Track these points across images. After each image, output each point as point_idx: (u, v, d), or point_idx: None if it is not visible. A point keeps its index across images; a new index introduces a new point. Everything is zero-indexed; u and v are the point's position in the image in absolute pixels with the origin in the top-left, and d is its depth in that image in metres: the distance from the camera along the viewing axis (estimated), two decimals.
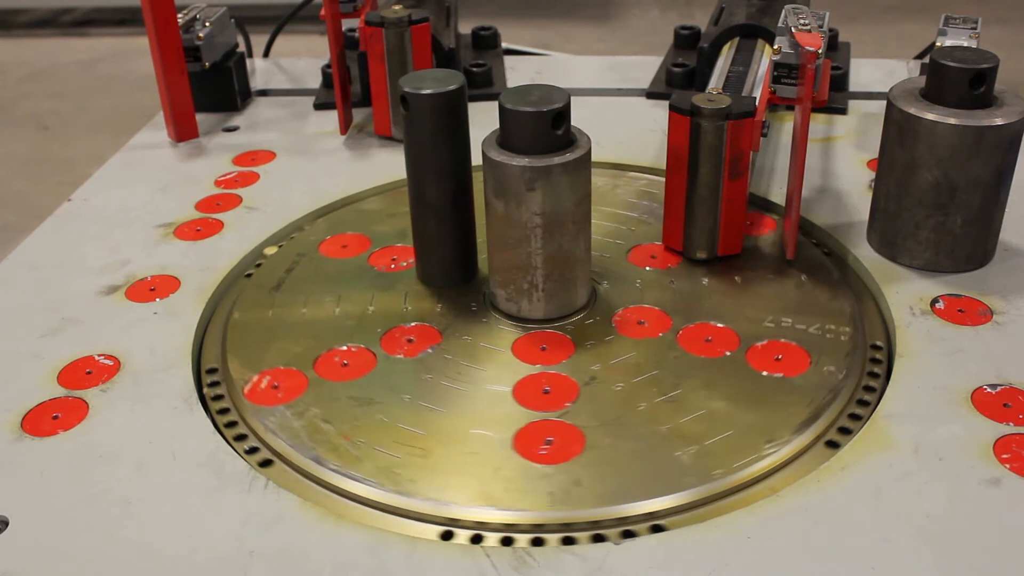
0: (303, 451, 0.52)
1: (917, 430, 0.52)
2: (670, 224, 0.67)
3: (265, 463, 0.53)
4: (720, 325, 0.60)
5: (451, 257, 0.65)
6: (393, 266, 0.68)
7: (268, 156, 0.85)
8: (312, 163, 0.84)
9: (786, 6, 0.67)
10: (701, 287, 0.64)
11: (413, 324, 0.62)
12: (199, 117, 0.89)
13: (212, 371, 0.60)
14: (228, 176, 0.81)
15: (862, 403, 0.55)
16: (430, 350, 0.60)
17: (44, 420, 0.54)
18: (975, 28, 0.74)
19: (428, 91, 0.59)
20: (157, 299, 0.65)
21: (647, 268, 0.66)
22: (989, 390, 0.54)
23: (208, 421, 0.54)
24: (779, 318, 0.60)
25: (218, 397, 0.58)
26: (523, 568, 0.44)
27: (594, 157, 0.59)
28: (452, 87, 0.59)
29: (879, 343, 0.59)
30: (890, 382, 0.56)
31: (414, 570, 0.45)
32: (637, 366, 0.57)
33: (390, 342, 0.60)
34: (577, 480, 0.49)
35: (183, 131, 0.88)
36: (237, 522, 0.47)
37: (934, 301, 0.62)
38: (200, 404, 0.55)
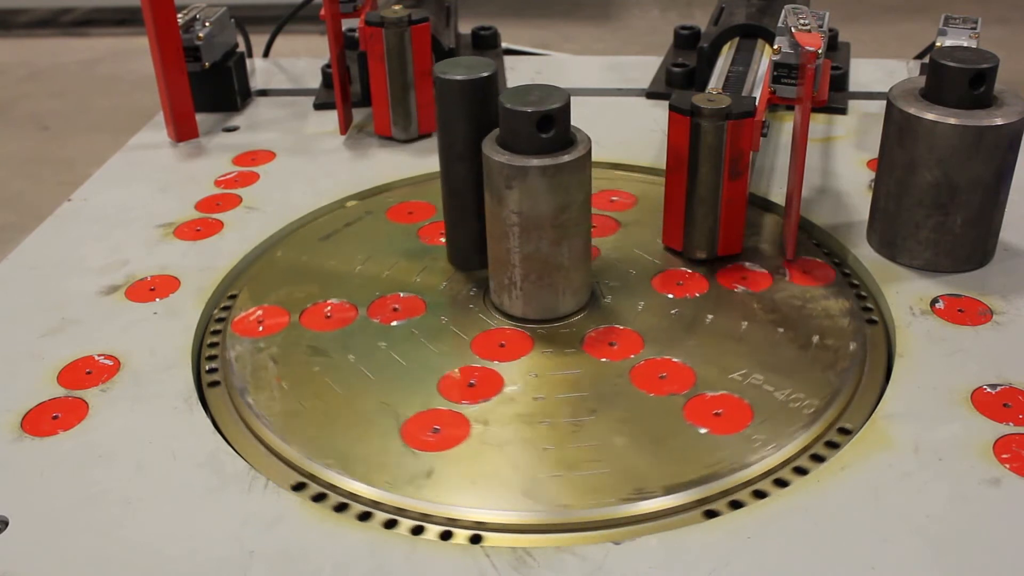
0: (238, 381, 0.57)
1: (917, 430, 0.52)
2: (670, 224, 0.67)
3: (213, 384, 0.58)
4: (682, 363, 0.57)
5: (471, 241, 0.65)
6: (437, 240, 0.70)
7: (268, 156, 0.85)
8: (312, 163, 0.84)
9: (786, 6, 0.67)
10: (701, 323, 0.61)
11: (405, 295, 0.64)
12: (199, 117, 0.89)
13: (232, 297, 0.66)
14: (228, 176, 0.81)
15: (779, 482, 0.49)
16: (404, 322, 0.62)
17: (44, 420, 0.54)
18: (975, 28, 0.74)
19: (457, 77, 0.60)
20: (157, 299, 0.65)
21: (668, 295, 0.64)
22: (989, 390, 0.54)
23: (208, 421, 0.54)
24: (754, 372, 0.56)
25: (220, 320, 0.63)
26: (523, 568, 0.44)
27: (594, 157, 0.58)
28: (483, 74, 0.60)
29: (848, 427, 0.53)
30: (890, 382, 0.56)
31: (414, 570, 0.45)
32: (573, 383, 0.56)
33: (377, 307, 0.63)
34: (429, 471, 0.50)
35: (183, 131, 0.88)
36: (237, 522, 0.47)
37: (934, 301, 0.62)
38: (200, 404, 0.56)
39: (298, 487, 0.50)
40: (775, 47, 0.63)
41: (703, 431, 0.52)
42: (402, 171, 0.81)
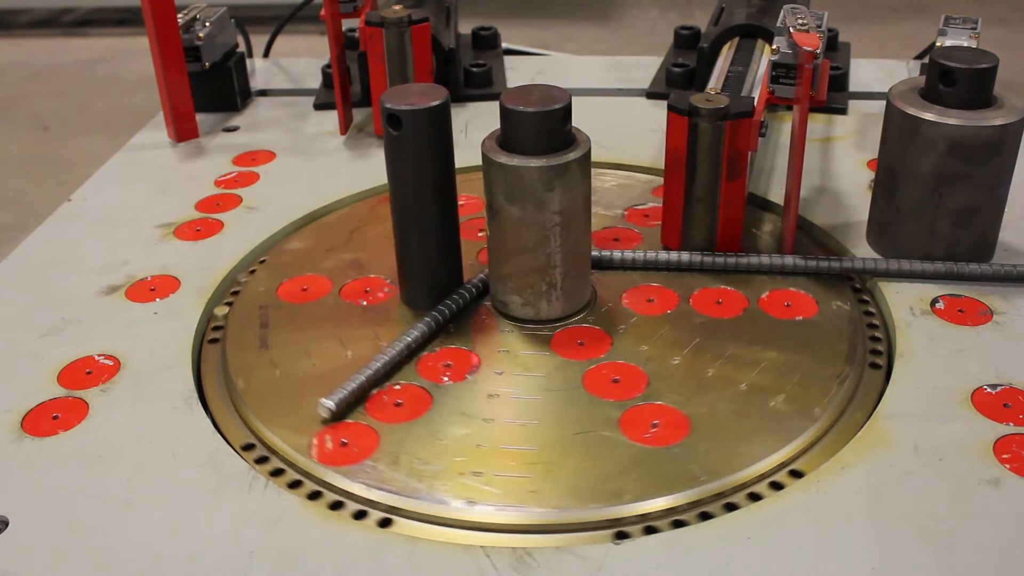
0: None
1: (917, 430, 0.52)
2: (668, 224, 0.67)
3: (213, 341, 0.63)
4: (635, 367, 0.56)
5: (439, 277, 0.62)
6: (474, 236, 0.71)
7: (268, 156, 0.85)
8: (312, 163, 0.84)
9: (785, 6, 0.67)
10: (688, 333, 0.59)
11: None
12: (199, 117, 0.89)
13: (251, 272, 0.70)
14: (228, 176, 0.81)
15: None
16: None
17: (44, 420, 0.54)
18: (975, 28, 0.74)
19: (416, 107, 0.55)
20: (157, 299, 0.65)
21: (667, 312, 0.62)
22: (989, 390, 0.54)
23: (208, 421, 0.54)
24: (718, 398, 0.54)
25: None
26: (523, 568, 0.44)
27: (594, 157, 0.58)
28: (437, 102, 0.56)
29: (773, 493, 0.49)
30: (890, 382, 0.56)
31: (414, 570, 0.45)
32: (528, 385, 0.56)
33: (351, 289, 0.66)
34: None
35: (183, 131, 0.88)
36: (237, 522, 0.47)
37: (934, 301, 0.62)
38: (200, 404, 0.56)
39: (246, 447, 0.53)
40: (773, 47, 0.63)
41: (637, 441, 0.51)
42: None
